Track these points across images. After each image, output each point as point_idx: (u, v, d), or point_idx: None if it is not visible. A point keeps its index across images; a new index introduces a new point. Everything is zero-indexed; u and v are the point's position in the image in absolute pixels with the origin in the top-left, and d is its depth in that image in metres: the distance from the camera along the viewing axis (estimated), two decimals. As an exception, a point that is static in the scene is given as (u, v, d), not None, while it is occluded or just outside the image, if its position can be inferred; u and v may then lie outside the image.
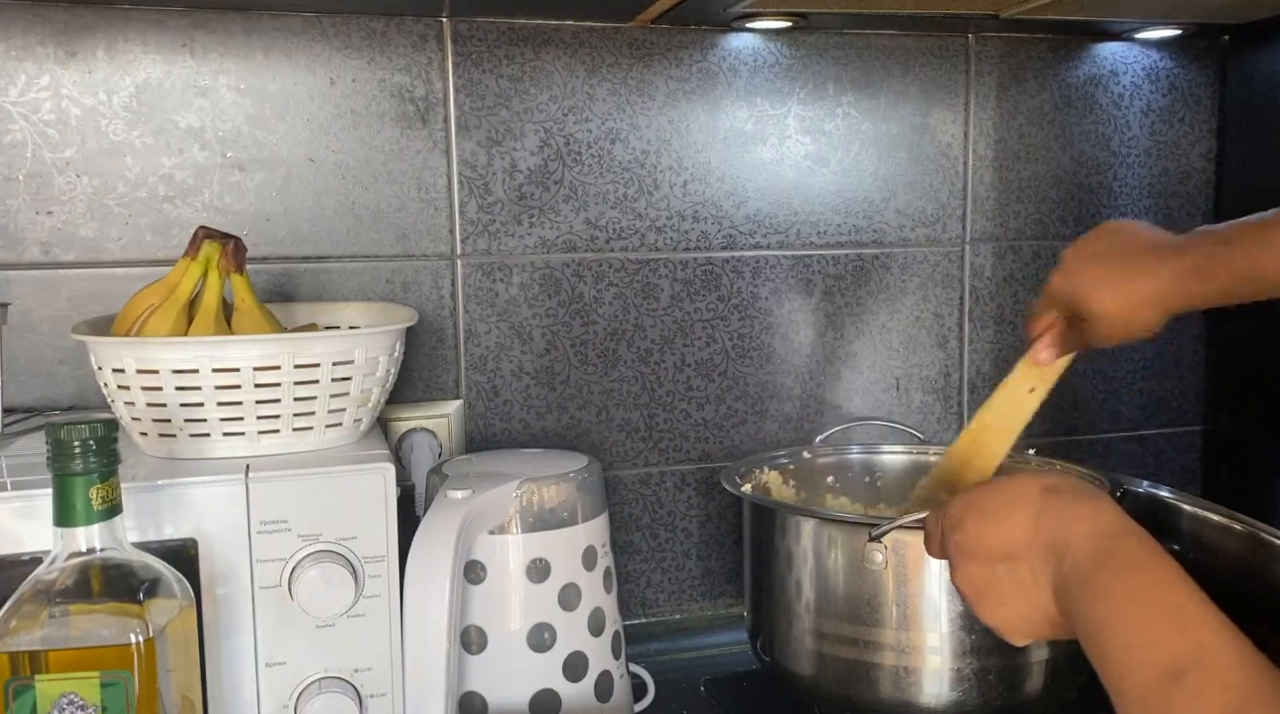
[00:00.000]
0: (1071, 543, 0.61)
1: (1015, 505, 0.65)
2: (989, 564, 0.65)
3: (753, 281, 1.19)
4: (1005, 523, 0.65)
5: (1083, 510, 0.62)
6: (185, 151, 1.02)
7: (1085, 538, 0.60)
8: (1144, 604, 0.55)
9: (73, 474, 0.62)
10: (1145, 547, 0.59)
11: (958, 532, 0.67)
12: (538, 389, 1.14)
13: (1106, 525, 0.60)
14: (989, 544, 0.65)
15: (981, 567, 0.65)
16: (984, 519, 0.66)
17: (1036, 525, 0.63)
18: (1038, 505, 0.64)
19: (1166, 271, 0.76)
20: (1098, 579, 0.58)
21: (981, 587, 0.66)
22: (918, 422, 1.25)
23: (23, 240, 1.00)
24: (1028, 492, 0.65)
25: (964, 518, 0.67)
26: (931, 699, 0.85)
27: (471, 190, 1.10)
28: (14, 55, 0.98)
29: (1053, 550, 0.62)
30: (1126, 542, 0.59)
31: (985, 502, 0.67)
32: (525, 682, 0.85)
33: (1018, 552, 0.64)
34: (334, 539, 0.76)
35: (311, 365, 0.79)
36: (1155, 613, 0.54)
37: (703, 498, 1.20)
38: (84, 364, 0.97)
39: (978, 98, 1.24)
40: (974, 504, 0.68)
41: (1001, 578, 0.64)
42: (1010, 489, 0.67)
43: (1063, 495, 0.64)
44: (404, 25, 1.07)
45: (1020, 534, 0.64)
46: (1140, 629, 0.54)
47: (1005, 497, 0.66)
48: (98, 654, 0.61)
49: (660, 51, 1.13)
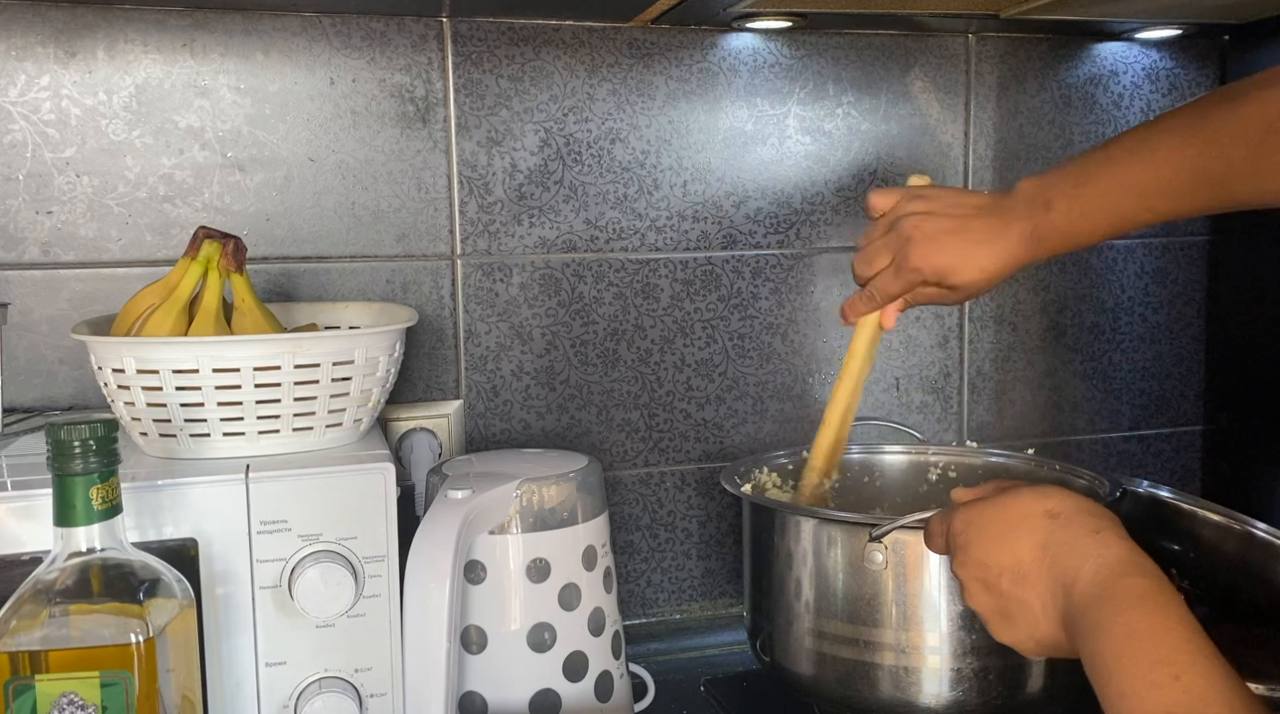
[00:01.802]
0: (1079, 577, 0.62)
1: (1018, 528, 0.66)
2: (997, 587, 0.66)
3: (753, 282, 1.19)
4: (1010, 545, 0.66)
5: (1089, 545, 0.63)
6: (185, 151, 1.02)
7: (1090, 574, 0.61)
8: (1141, 646, 0.56)
9: (73, 474, 0.62)
10: (1148, 584, 0.59)
11: (963, 552, 0.69)
12: (538, 389, 1.14)
13: (1112, 562, 0.61)
14: (995, 565, 0.66)
15: (991, 589, 0.67)
16: (989, 540, 0.67)
17: (1043, 555, 0.64)
18: (1043, 534, 0.65)
19: (1011, 237, 0.81)
20: (1100, 617, 0.59)
21: (992, 608, 0.67)
22: (917, 421, 1.25)
23: (23, 240, 1.00)
24: (1030, 515, 0.66)
25: (970, 539, 0.68)
26: (931, 699, 0.85)
27: (471, 190, 1.10)
28: (14, 55, 0.98)
29: (1060, 584, 0.63)
30: (1130, 581, 0.60)
31: (989, 521, 0.68)
32: (525, 682, 0.85)
33: (1025, 578, 0.65)
34: (334, 539, 0.76)
35: (311, 365, 0.79)
36: (1152, 657, 0.55)
37: (703, 498, 1.20)
38: (84, 364, 0.98)
39: (978, 98, 1.24)
40: (978, 523, 0.68)
41: (1011, 602, 0.66)
42: (1013, 509, 0.67)
43: (1069, 526, 0.64)
44: (404, 25, 1.07)
45: (1026, 559, 0.65)
46: (1136, 675, 0.55)
47: (1008, 518, 0.67)
48: (98, 654, 0.62)
49: (660, 51, 1.14)
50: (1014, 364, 1.29)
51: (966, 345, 1.27)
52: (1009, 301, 1.28)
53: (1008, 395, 1.29)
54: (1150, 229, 1.29)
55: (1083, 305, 1.30)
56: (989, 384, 1.28)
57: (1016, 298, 1.28)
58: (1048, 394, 1.30)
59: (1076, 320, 1.30)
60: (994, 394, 1.28)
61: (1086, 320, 1.30)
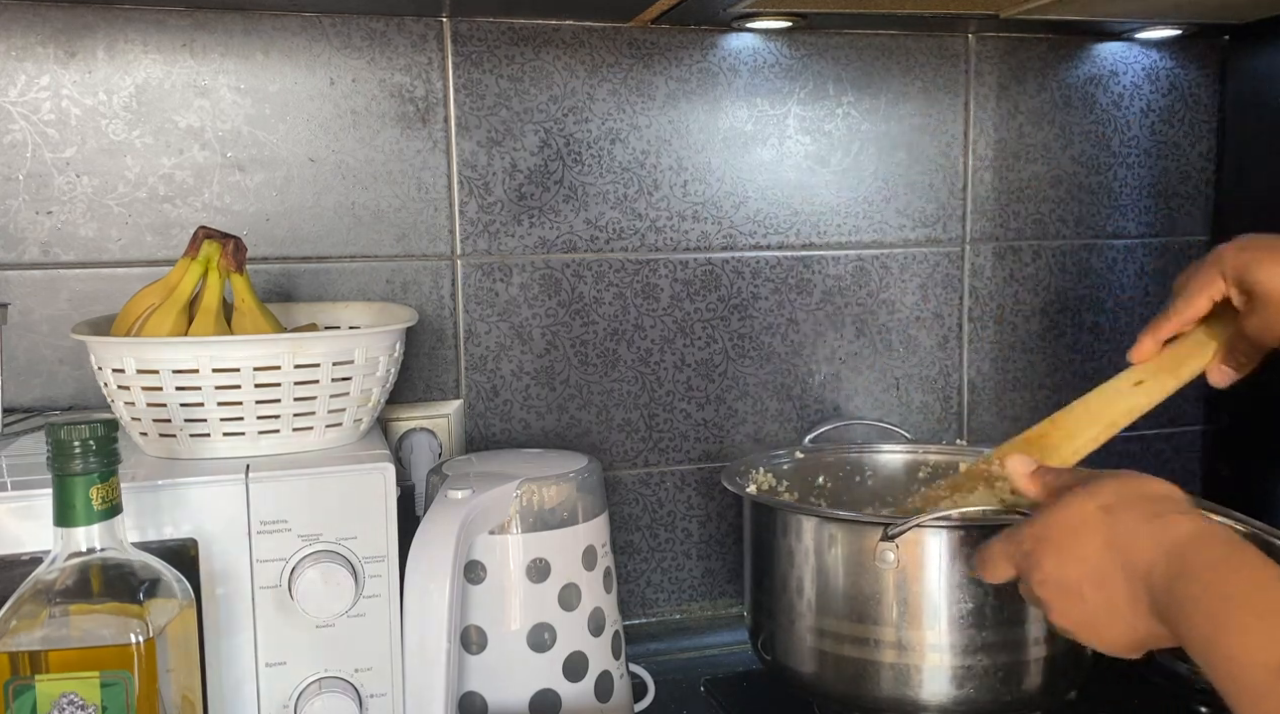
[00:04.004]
0: (1154, 565, 0.60)
1: (1078, 532, 0.65)
2: (1079, 596, 0.64)
3: (753, 281, 1.19)
4: (1076, 550, 0.64)
5: (1152, 531, 0.61)
6: (185, 151, 1.02)
7: (1163, 557, 0.60)
8: (1239, 608, 0.55)
9: (73, 474, 0.62)
10: (1224, 547, 0.58)
11: (1037, 571, 0.67)
12: (538, 389, 1.14)
13: (1181, 540, 0.60)
14: (1070, 577, 0.65)
15: (1074, 600, 0.65)
16: (1055, 552, 0.65)
17: (1112, 554, 0.63)
18: (1105, 532, 0.63)
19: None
20: (1188, 593, 0.58)
21: (1081, 619, 0.65)
22: (917, 422, 1.25)
23: (23, 240, 1.00)
24: (1085, 515, 0.65)
25: (1039, 556, 0.66)
26: (932, 697, 0.85)
27: (471, 190, 1.10)
28: (14, 55, 0.98)
29: (1138, 577, 0.61)
30: (1205, 549, 0.59)
31: (1051, 534, 0.66)
32: (525, 682, 0.85)
33: (1103, 581, 0.63)
34: (334, 539, 0.76)
35: (311, 365, 0.79)
36: (1251, 614, 0.54)
37: (703, 498, 1.20)
38: (84, 364, 0.98)
39: (978, 98, 1.24)
40: (1039, 536, 0.67)
41: (1097, 607, 0.64)
42: (1066, 514, 0.66)
43: (1125, 515, 0.63)
44: (404, 25, 1.07)
45: (1096, 561, 0.63)
46: (1240, 634, 0.54)
47: (1064, 524, 0.66)
48: (98, 654, 0.61)
49: (660, 51, 1.13)
50: (1014, 364, 1.29)
51: (966, 345, 1.27)
52: (1009, 301, 1.28)
53: (1008, 395, 1.29)
54: (1150, 228, 1.30)
55: (1083, 305, 1.30)
56: (989, 384, 1.28)
57: (1016, 298, 1.28)
58: (1048, 394, 1.30)
59: (1076, 320, 1.30)
60: (994, 394, 1.28)
61: (1086, 320, 1.30)
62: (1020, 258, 1.27)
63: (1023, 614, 0.85)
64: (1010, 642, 0.85)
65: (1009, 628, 0.85)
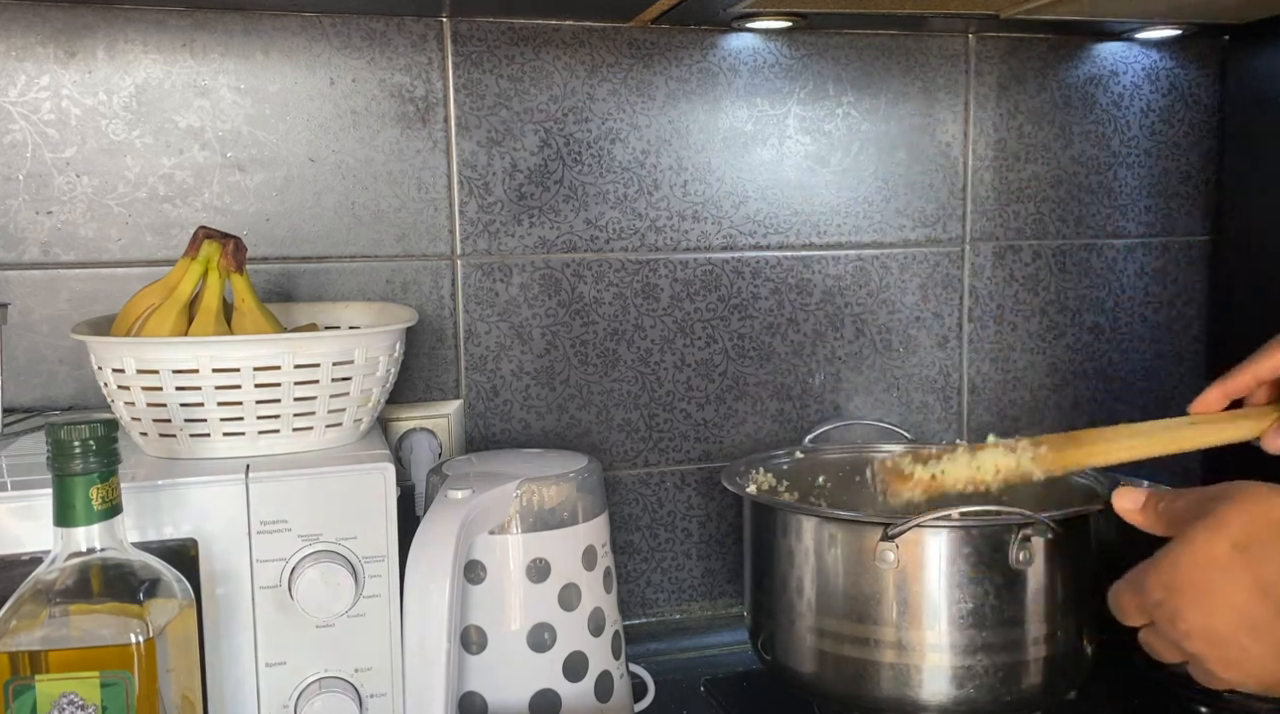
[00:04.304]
0: None
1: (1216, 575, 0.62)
2: (1240, 648, 0.62)
3: (753, 282, 1.19)
4: (1220, 600, 0.61)
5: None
6: (185, 151, 1.02)
7: None
8: None
9: (73, 474, 0.62)
10: None
11: (1180, 623, 0.63)
12: (538, 389, 1.14)
13: None
14: (1221, 630, 0.62)
15: (1235, 652, 0.62)
16: (1194, 603, 0.62)
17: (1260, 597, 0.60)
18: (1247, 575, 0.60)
19: None
20: None
21: (1250, 671, 0.62)
22: (918, 422, 1.25)
23: (23, 240, 1.00)
24: (1217, 558, 0.61)
25: (1177, 608, 0.63)
26: (932, 697, 0.85)
27: (471, 190, 1.10)
28: (14, 55, 0.98)
29: None
30: None
31: (1185, 583, 0.63)
32: (525, 682, 0.85)
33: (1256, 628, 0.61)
34: (334, 539, 0.76)
35: (311, 365, 0.79)
36: None
37: (703, 498, 1.20)
38: (84, 364, 0.98)
39: (978, 98, 1.24)
40: (1170, 586, 0.63)
41: (1250, 648, 0.61)
42: (1195, 555, 0.62)
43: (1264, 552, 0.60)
44: (404, 25, 1.07)
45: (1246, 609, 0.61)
46: None
47: (1196, 567, 0.62)
48: (98, 654, 0.61)
49: (660, 51, 1.13)
50: (1014, 364, 1.29)
51: (966, 345, 1.27)
52: (1009, 301, 1.28)
53: (1008, 395, 1.29)
54: (1150, 228, 1.30)
55: (1083, 305, 1.30)
56: (989, 384, 1.28)
57: (1016, 298, 1.28)
58: (1048, 394, 1.30)
59: (1076, 320, 1.30)
60: (994, 394, 1.28)
61: (1086, 320, 1.30)
62: (1020, 258, 1.28)
63: (1023, 614, 0.85)
64: (1010, 642, 0.85)
65: (1009, 628, 0.85)
